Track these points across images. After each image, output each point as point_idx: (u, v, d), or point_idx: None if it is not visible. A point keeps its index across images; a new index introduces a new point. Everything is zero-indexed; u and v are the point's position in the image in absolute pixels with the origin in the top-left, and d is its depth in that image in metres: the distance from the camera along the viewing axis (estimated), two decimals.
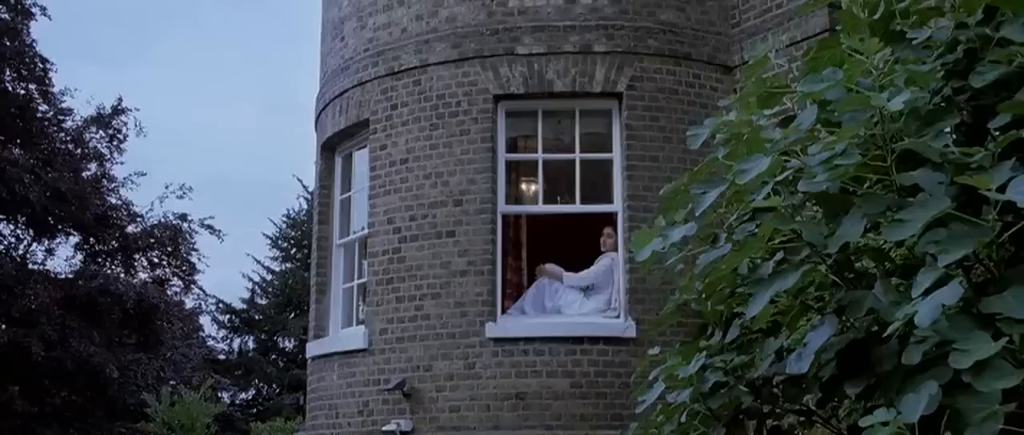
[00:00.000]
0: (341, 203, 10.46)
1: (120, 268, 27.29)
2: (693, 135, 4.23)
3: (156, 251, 27.98)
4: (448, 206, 9.04)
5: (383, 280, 9.25)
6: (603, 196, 9.24)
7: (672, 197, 4.04)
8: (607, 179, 9.23)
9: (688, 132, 4.13)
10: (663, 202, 4.03)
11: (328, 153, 10.62)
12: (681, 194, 3.96)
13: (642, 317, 8.66)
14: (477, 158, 9.04)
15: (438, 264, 8.97)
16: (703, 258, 4.06)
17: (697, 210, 3.81)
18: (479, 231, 8.90)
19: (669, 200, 4.07)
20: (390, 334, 9.10)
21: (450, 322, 8.82)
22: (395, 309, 9.11)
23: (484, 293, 8.78)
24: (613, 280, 8.97)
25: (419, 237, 9.12)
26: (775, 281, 3.43)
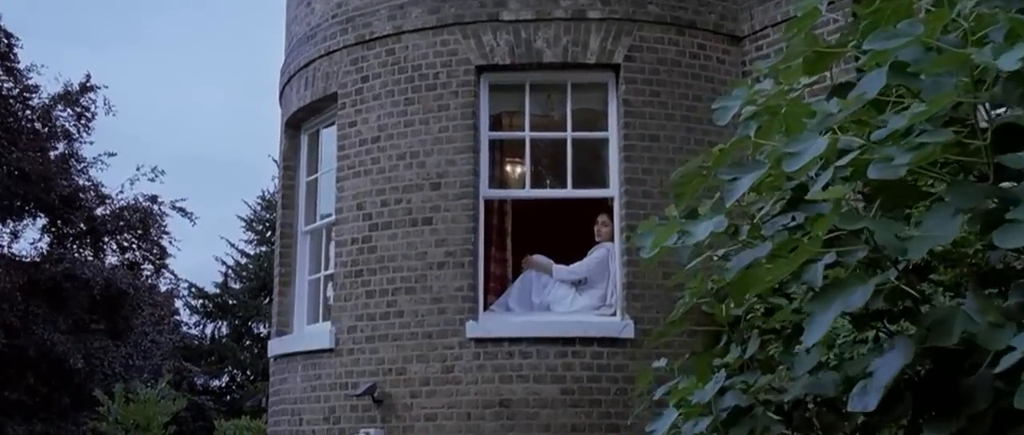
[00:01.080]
0: (307, 186, 9.48)
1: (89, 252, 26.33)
2: (720, 109, 3.30)
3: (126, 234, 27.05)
4: (424, 190, 8.09)
5: (351, 272, 8.29)
6: (597, 180, 8.29)
7: (685, 182, 3.41)
8: (602, 161, 8.28)
9: (714, 105, 3.22)
10: (674, 188, 3.41)
11: (293, 131, 9.63)
12: (696, 179, 3.35)
13: (641, 315, 7.74)
14: (457, 136, 8.08)
15: (413, 255, 8.02)
16: (736, 259, 3.16)
17: (727, 199, 2.97)
18: (459, 218, 7.95)
19: (682, 186, 3.44)
20: (359, 333, 8.15)
21: (426, 320, 7.88)
22: (364, 305, 8.16)
23: (464, 287, 7.84)
24: (608, 273, 8.04)
25: (392, 224, 8.16)
26: (838, 295, 2.59)
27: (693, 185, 3.30)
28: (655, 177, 7.98)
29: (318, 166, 9.40)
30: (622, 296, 7.82)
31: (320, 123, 9.37)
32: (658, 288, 7.78)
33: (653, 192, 7.94)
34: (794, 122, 2.76)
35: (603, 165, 8.22)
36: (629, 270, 7.79)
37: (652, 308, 7.74)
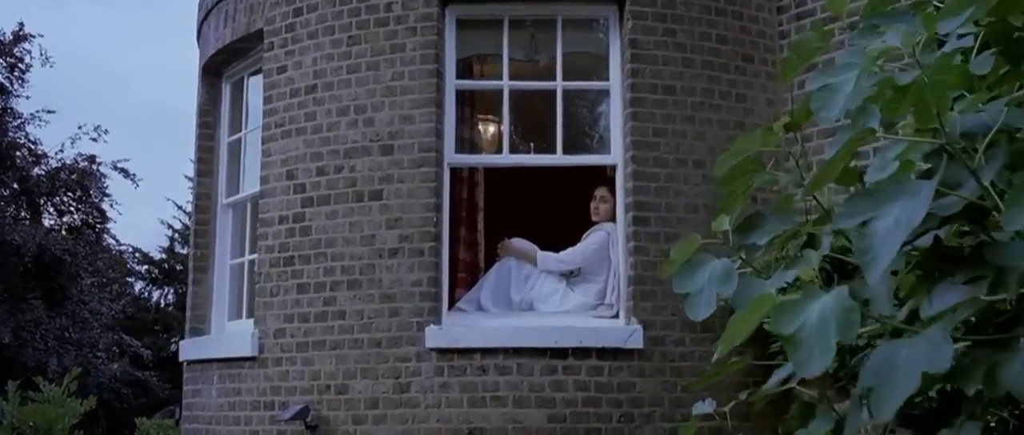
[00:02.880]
0: (229, 147, 7.62)
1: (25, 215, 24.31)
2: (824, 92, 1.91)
3: (64, 196, 25.03)
4: (372, 155, 6.26)
5: (279, 260, 6.47)
6: (595, 143, 6.51)
7: (735, 176, 2.32)
8: (601, 119, 6.49)
9: (808, 85, 1.84)
10: (720, 186, 2.34)
11: (211, 79, 7.74)
12: (745, 172, 2.27)
13: (652, 318, 5.98)
14: (415, 86, 6.25)
15: (357, 238, 6.21)
16: None
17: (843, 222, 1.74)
18: (417, 191, 6.14)
19: (731, 181, 2.34)
20: (288, 337, 6.34)
21: (374, 323, 6.09)
22: (296, 302, 6.35)
23: (424, 281, 6.05)
24: (609, 263, 6.28)
25: (330, 198, 6.34)
26: None
27: (742, 180, 2.32)
28: (669, 140, 6.19)
29: (243, 123, 7.53)
30: (627, 293, 6.06)
31: (245, 69, 7.49)
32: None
33: (668, 159, 6.16)
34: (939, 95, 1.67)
35: (603, 124, 6.42)
36: (636, 259, 6.03)
37: (666, 309, 6.00)
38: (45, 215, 25.04)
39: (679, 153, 6.20)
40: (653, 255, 6.04)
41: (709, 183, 6.18)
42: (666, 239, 6.08)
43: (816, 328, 1.57)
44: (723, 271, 2.10)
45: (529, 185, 7.41)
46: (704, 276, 2.14)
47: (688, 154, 6.21)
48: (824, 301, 1.59)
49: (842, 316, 1.57)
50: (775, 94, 6.52)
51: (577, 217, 6.62)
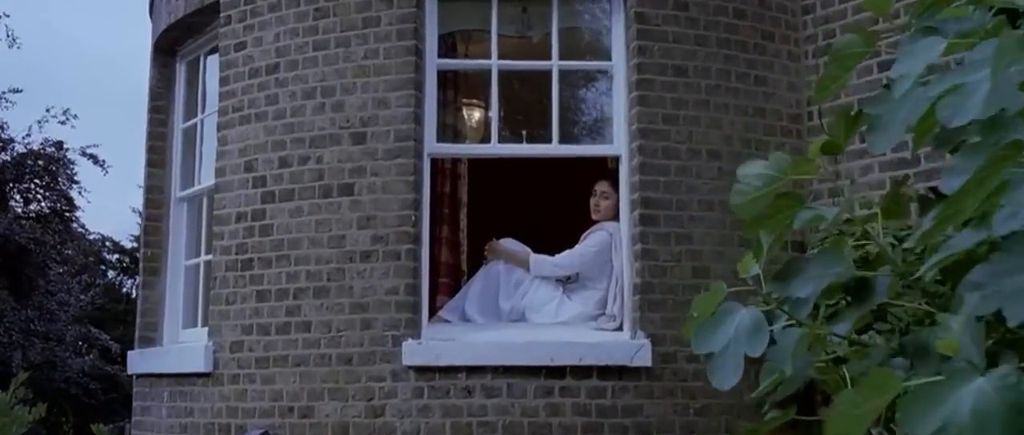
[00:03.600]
0: (184, 134, 6.81)
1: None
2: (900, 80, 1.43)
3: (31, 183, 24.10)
4: (342, 144, 5.49)
5: (236, 263, 5.69)
6: (596, 132, 5.74)
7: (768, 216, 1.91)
8: (603, 104, 5.72)
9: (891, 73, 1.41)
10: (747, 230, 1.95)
11: (164, 57, 6.93)
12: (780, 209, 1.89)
13: (662, 332, 5.24)
14: (390, 65, 5.48)
15: (325, 239, 5.44)
16: None
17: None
18: (393, 185, 5.37)
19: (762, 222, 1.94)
20: (247, 351, 5.57)
21: (344, 336, 5.32)
22: (255, 311, 5.57)
23: (400, 288, 5.28)
24: (611, 268, 5.53)
25: (294, 193, 5.56)
26: None
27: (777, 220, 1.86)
28: (681, 128, 5.44)
29: (199, 107, 6.73)
30: (632, 303, 5.31)
31: (201, 47, 6.69)
32: (688, 291, 5.28)
33: (679, 149, 5.41)
34: None
35: (604, 110, 5.66)
36: (643, 264, 5.28)
37: (677, 321, 5.25)
38: (12, 202, 24.16)
39: (692, 143, 5.44)
40: (662, 259, 5.30)
41: (725, 177, 5.44)
42: (677, 241, 5.33)
43: (971, 429, 1.12)
44: (752, 325, 1.73)
45: (520, 179, 6.63)
46: (728, 331, 1.76)
47: (701, 144, 5.46)
48: (979, 388, 1.15)
49: (1013, 412, 1.10)
50: (797, 77, 5.78)
51: (575, 215, 5.85)
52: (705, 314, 1.82)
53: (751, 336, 1.71)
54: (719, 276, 5.33)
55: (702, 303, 1.84)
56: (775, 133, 5.66)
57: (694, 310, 1.86)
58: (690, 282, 5.31)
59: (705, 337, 1.78)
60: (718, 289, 1.86)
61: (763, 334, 1.73)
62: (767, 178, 1.82)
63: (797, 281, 1.86)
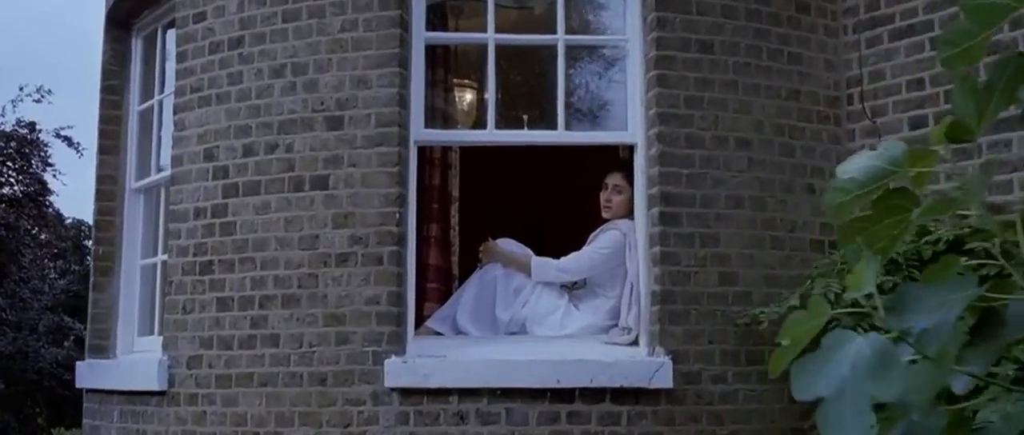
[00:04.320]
0: (140, 118, 6.06)
1: None
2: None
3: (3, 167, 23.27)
4: (316, 129, 4.76)
5: (194, 266, 4.96)
6: (608, 117, 5.03)
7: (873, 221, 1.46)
8: (615, 85, 5.01)
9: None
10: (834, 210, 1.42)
11: (118, 31, 6.16)
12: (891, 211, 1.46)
13: (684, 348, 4.54)
14: (371, 39, 4.74)
15: (295, 239, 4.71)
16: None
17: None
18: (374, 178, 4.65)
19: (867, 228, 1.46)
20: (206, 368, 4.85)
21: (317, 352, 4.61)
22: (215, 322, 4.85)
23: (382, 296, 4.57)
24: (624, 273, 4.82)
25: (260, 186, 4.83)
26: None
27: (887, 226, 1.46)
28: (706, 112, 4.73)
29: (156, 87, 5.98)
30: (650, 314, 4.61)
31: (158, 19, 5.93)
32: (712, 299, 4.58)
33: (703, 137, 4.70)
34: None
35: (617, 92, 4.94)
36: (663, 270, 4.57)
37: (702, 335, 4.56)
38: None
39: (718, 129, 4.73)
40: (685, 263, 4.59)
41: (755, 168, 4.75)
42: (702, 242, 4.62)
43: None
44: (876, 357, 1.25)
45: (520, 171, 5.90)
46: (842, 367, 1.25)
47: (729, 130, 4.75)
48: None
49: None
50: (835, 54, 5.08)
51: (582, 212, 5.14)
52: (800, 342, 1.39)
53: (878, 372, 1.29)
54: (749, 284, 4.64)
55: (796, 327, 1.43)
56: (811, 119, 4.96)
57: (784, 336, 1.46)
58: (716, 290, 4.61)
59: (809, 377, 1.33)
60: (818, 307, 1.43)
61: (895, 369, 1.31)
62: (873, 172, 1.39)
63: (914, 308, 1.41)
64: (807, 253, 4.82)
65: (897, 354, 1.30)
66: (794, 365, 1.37)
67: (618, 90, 4.91)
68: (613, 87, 4.98)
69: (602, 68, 5.27)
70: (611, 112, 4.93)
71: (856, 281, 1.61)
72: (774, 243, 4.76)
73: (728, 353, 4.59)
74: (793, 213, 4.83)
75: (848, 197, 1.38)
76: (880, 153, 1.38)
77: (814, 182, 4.91)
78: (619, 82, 4.90)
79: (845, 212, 1.40)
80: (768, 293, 4.67)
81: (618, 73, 4.86)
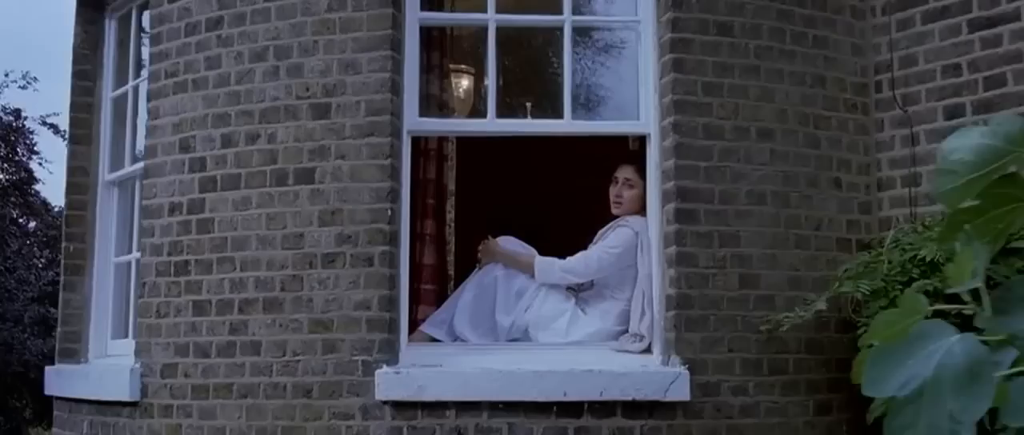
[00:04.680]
0: (114, 105, 5.66)
1: None
2: None
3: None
4: (301, 118, 4.37)
5: (168, 266, 4.57)
6: (618, 105, 4.64)
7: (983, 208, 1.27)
8: (625, 72, 4.63)
9: None
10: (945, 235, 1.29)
11: (91, 12, 5.75)
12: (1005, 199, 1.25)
13: (702, 357, 4.16)
14: (362, 20, 4.35)
15: (279, 238, 4.33)
16: None
17: None
18: (364, 171, 4.26)
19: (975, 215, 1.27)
20: (181, 377, 4.46)
21: (302, 361, 4.23)
22: (191, 327, 4.46)
23: (373, 301, 4.18)
24: (636, 275, 4.45)
25: (240, 180, 4.44)
26: None
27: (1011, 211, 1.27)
28: (726, 100, 4.35)
29: (131, 72, 5.58)
30: (665, 320, 4.23)
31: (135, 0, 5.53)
32: (732, 304, 4.21)
33: (723, 126, 4.32)
34: None
35: (628, 79, 4.56)
36: (680, 272, 4.19)
37: (721, 342, 4.18)
38: None
39: (738, 118, 4.35)
40: (703, 264, 4.21)
41: (779, 161, 4.37)
42: (721, 242, 4.25)
43: None
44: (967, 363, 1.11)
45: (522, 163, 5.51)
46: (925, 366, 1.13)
47: (750, 120, 4.37)
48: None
49: None
50: (863, 38, 4.70)
51: (590, 208, 4.76)
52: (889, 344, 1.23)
53: (964, 383, 1.09)
54: (771, 287, 4.27)
55: (886, 328, 1.33)
56: (837, 107, 4.58)
57: (872, 337, 1.36)
58: (736, 293, 4.24)
59: (884, 370, 1.18)
60: (913, 304, 1.34)
61: (985, 383, 1.10)
62: (986, 152, 1.20)
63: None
64: (833, 252, 4.45)
65: (993, 364, 1.13)
66: (871, 353, 1.23)
67: (629, 76, 4.52)
68: (623, 73, 4.59)
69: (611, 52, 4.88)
70: (621, 100, 4.55)
71: (958, 272, 1.40)
72: (798, 242, 4.39)
73: (749, 362, 4.22)
74: (819, 209, 4.45)
75: (959, 182, 1.20)
76: (993, 129, 1.21)
77: (840, 175, 4.54)
78: (631, 67, 4.51)
79: (957, 199, 1.22)
80: (792, 297, 4.30)
81: (629, 57, 4.47)
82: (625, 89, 4.53)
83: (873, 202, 4.61)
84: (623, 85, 4.53)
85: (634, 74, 4.50)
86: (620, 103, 4.53)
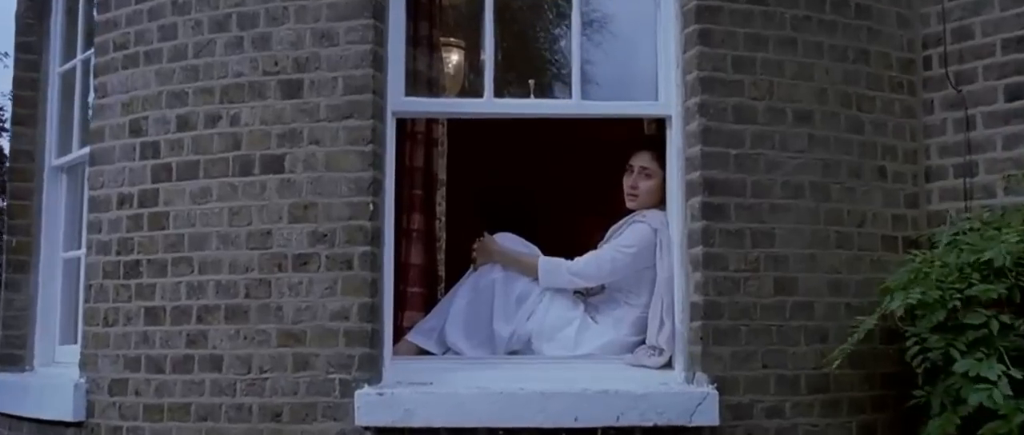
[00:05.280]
0: (61, 81, 5.06)
1: None
2: None
3: None
4: (268, 97, 3.78)
5: (117, 267, 3.99)
6: (634, 85, 4.07)
7: None
8: (642, 45, 4.06)
9: None
10: None
11: None
12: None
13: (733, 374, 3.61)
14: None
15: (243, 236, 3.75)
16: None
17: None
18: (341, 159, 3.68)
19: None
20: (132, 396, 3.89)
21: (270, 379, 3.65)
22: (143, 338, 3.88)
23: (352, 309, 3.61)
24: (654, 278, 3.89)
25: (199, 168, 3.85)
26: None
27: None
28: (758, 77, 3.78)
29: (80, 44, 4.97)
30: (689, 332, 3.67)
31: None
32: (766, 312, 3.66)
33: (756, 108, 3.76)
34: None
35: (646, 53, 3.98)
36: (707, 276, 3.63)
37: (755, 357, 3.63)
38: None
39: (773, 99, 3.79)
40: (734, 267, 3.65)
41: (818, 148, 3.82)
42: (754, 241, 3.70)
43: None
44: None
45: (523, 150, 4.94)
46: None
47: (787, 100, 3.81)
48: None
49: None
50: (910, 8, 4.14)
51: (601, 201, 4.19)
52: None
53: None
54: (810, 293, 3.73)
55: None
56: (882, 86, 4.03)
57: None
58: (771, 300, 3.68)
59: None
60: None
61: None
62: None
63: None
64: (878, 252, 3.91)
65: None
66: None
67: (647, 49, 3.94)
68: (640, 46, 4.00)
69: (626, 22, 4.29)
70: (638, 77, 3.96)
71: None
72: (840, 241, 3.84)
73: (785, 380, 3.67)
74: (862, 203, 3.90)
75: None
76: None
77: (886, 164, 3.99)
78: (648, 40, 3.91)
79: None
80: (832, 304, 3.77)
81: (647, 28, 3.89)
82: (642, 65, 3.94)
83: (921, 194, 4.07)
84: (640, 60, 3.94)
85: (652, 48, 3.92)
86: (637, 80, 3.94)
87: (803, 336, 3.72)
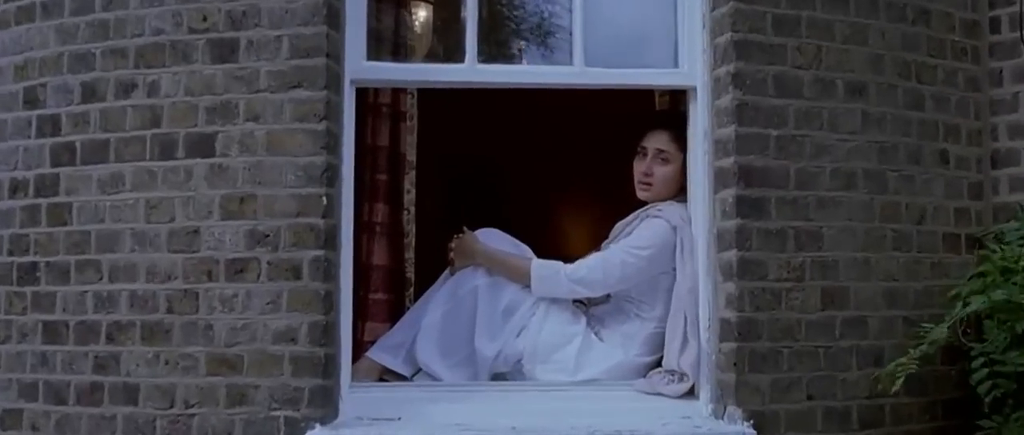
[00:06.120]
0: None
1: None
2: None
3: None
4: (196, 61, 3.03)
5: (9, 270, 3.25)
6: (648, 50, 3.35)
7: None
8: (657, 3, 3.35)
9: None
10: None
11: None
12: None
13: (772, 406, 2.94)
14: None
15: (164, 234, 3.01)
16: None
17: None
18: (286, 139, 2.94)
19: None
20: (27, 430, 3.15)
21: (200, 415, 2.93)
22: (41, 359, 3.14)
23: (300, 328, 2.89)
24: (672, 286, 3.20)
25: (109, 149, 3.10)
26: None
27: None
28: (804, 41, 3.09)
29: None
30: (718, 354, 2.99)
31: None
32: (813, 331, 2.98)
33: (801, 80, 3.07)
34: None
35: (664, 10, 3.26)
36: (743, 286, 2.95)
37: (798, 385, 2.96)
38: None
39: (820, 67, 3.10)
40: (773, 275, 2.97)
41: (872, 128, 3.14)
42: (797, 243, 3.02)
43: None
44: None
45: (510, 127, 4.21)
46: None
47: (836, 70, 3.13)
48: None
49: None
50: None
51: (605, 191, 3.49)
52: None
53: None
54: (863, 306, 3.06)
55: None
56: (944, 53, 3.36)
57: None
58: (818, 316, 3.01)
59: None
60: None
61: None
62: None
63: None
64: (940, 254, 3.27)
65: None
66: None
67: (664, 5, 3.22)
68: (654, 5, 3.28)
69: None
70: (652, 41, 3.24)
71: None
72: (897, 242, 3.18)
73: (834, 413, 3.02)
74: (922, 195, 3.25)
75: None
76: None
77: (948, 147, 3.32)
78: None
79: None
80: (889, 318, 3.12)
81: None
82: (657, 25, 3.23)
83: (986, 183, 3.43)
84: (655, 20, 3.23)
85: (671, 3, 3.21)
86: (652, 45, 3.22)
87: (855, 359, 3.06)
